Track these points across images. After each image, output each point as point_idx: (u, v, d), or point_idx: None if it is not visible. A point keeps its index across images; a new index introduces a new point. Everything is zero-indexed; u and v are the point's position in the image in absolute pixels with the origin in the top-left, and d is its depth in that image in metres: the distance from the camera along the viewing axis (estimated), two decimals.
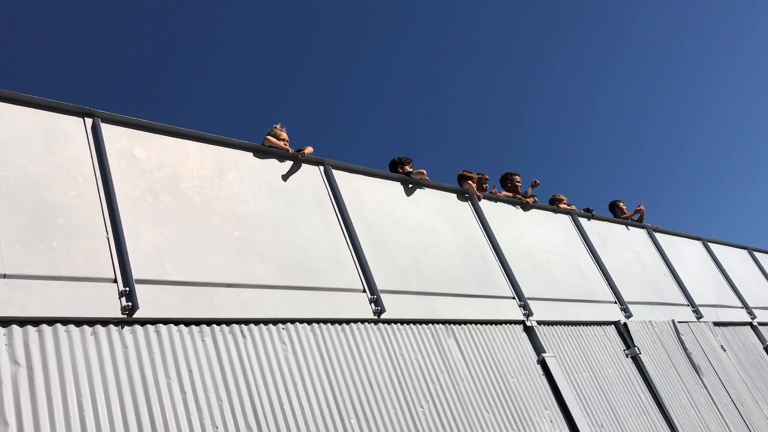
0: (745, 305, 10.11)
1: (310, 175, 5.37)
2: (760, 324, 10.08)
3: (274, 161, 5.16)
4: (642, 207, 9.74)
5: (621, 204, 9.78)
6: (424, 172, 6.32)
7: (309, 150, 5.35)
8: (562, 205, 8.25)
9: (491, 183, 7.56)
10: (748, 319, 9.94)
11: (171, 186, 4.36)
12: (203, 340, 3.89)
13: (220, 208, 4.53)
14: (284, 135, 5.39)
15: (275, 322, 4.30)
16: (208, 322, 3.97)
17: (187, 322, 3.88)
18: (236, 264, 4.34)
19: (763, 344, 9.77)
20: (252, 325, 4.18)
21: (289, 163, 5.26)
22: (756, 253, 12.13)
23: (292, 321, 4.39)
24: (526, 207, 7.42)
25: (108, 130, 4.25)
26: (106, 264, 3.74)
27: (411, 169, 6.36)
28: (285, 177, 5.15)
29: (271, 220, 4.77)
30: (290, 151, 5.26)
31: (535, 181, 7.94)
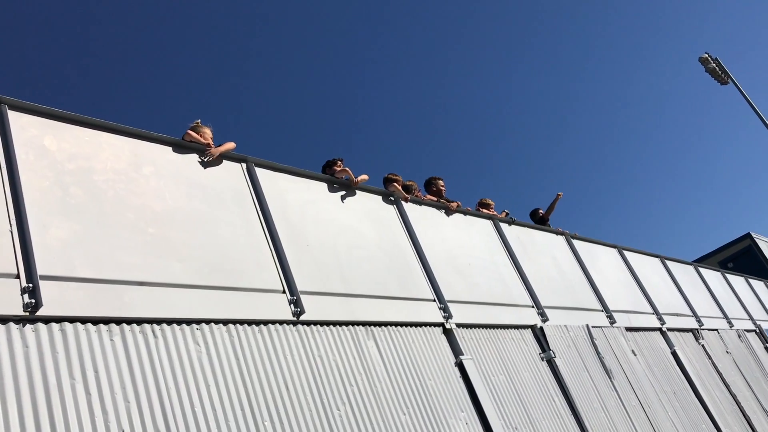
0: (655, 311, 10.54)
1: (232, 172, 5.27)
2: (669, 330, 10.54)
3: (193, 157, 5.03)
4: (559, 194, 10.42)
5: (541, 211, 10.05)
6: (349, 170, 6.29)
7: (230, 146, 5.24)
8: (487, 211, 8.39)
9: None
10: (658, 324, 10.37)
11: (83, 179, 4.19)
12: (111, 340, 3.75)
13: (134, 204, 4.38)
14: (207, 132, 5.26)
15: (189, 322, 4.19)
16: (118, 321, 3.83)
17: (95, 321, 3.73)
18: (150, 262, 4.21)
19: (670, 349, 10.21)
20: (164, 324, 4.06)
21: (209, 160, 5.13)
22: (668, 262, 12.69)
23: (207, 321, 4.29)
24: (449, 211, 7.51)
25: (16, 118, 4.05)
26: (8, 259, 3.55)
27: (339, 168, 6.32)
28: (205, 174, 5.03)
29: (189, 218, 4.65)
30: (211, 146, 5.15)
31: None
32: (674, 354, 10.18)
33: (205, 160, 5.05)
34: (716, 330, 12.45)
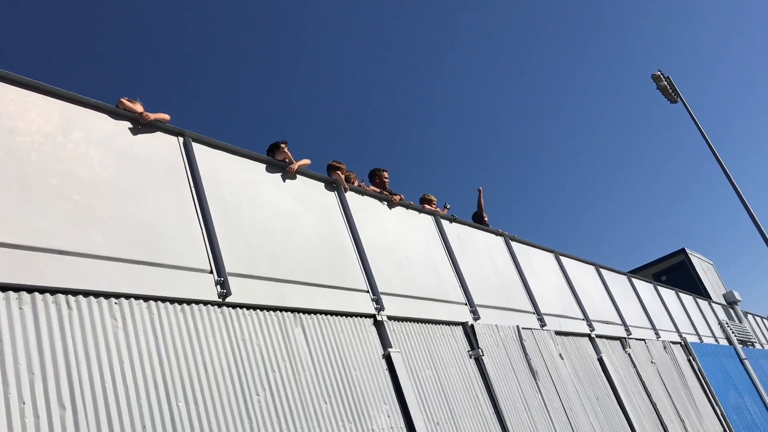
0: (586, 318, 10.77)
1: (167, 146, 5.13)
2: (597, 336, 10.78)
3: (127, 126, 4.87)
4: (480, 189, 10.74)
5: (482, 215, 10.16)
6: (289, 153, 6.19)
7: (164, 116, 5.09)
8: (429, 206, 8.39)
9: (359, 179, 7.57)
10: (587, 330, 10.59)
11: (5, 139, 4.00)
12: (21, 308, 3.60)
13: (60, 169, 4.21)
14: (139, 107, 5.07)
15: (108, 295, 4.06)
16: (29, 289, 3.67)
17: (4, 287, 3.57)
18: (71, 231, 4.05)
19: (597, 355, 10.45)
20: (81, 296, 3.92)
21: (144, 131, 4.98)
22: (602, 270, 12.97)
23: (127, 296, 4.16)
24: (392, 204, 7.49)
25: None
26: None
27: (286, 150, 6.22)
28: (138, 145, 4.87)
29: (117, 189, 4.50)
30: (146, 116, 4.98)
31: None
32: (600, 360, 10.41)
33: (141, 123, 4.90)
34: (643, 340, 12.80)
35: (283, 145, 6.20)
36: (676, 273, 23.96)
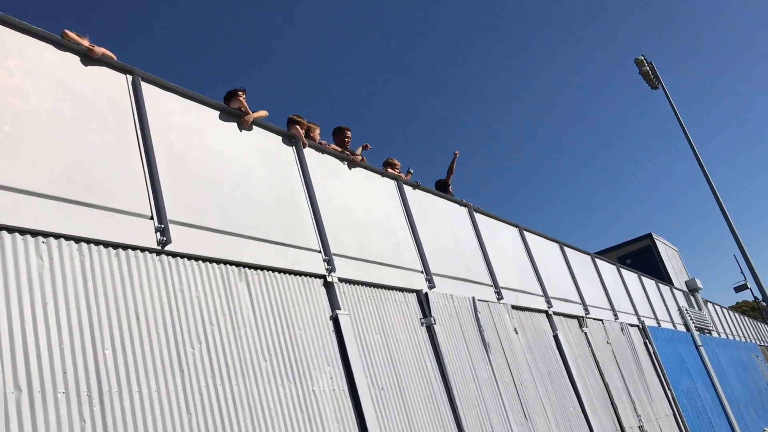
0: (545, 294, 10.76)
1: (114, 83, 4.88)
2: (555, 313, 10.79)
3: (70, 59, 4.61)
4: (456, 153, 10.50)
5: (447, 183, 10.01)
6: (244, 102, 5.95)
7: (110, 54, 4.82)
8: (393, 170, 8.23)
9: (323, 136, 7.37)
10: (545, 307, 10.60)
11: None
12: None
13: None
14: (86, 42, 4.80)
15: (35, 233, 3.85)
16: None
17: None
18: None
19: (553, 332, 10.47)
20: (4, 232, 3.71)
21: (88, 67, 4.72)
22: (566, 248, 12.97)
23: (57, 236, 3.96)
24: (352, 164, 7.31)
25: None
26: None
27: (242, 99, 5.98)
28: (82, 80, 4.62)
29: (54, 122, 4.26)
30: (94, 50, 4.72)
31: (366, 145, 7.92)
32: (556, 337, 10.44)
33: (88, 57, 4.65)
34: (601, 320, 12.88)
35: (240, 93, 5.96)
36: (641, 257, 24.20)
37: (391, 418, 5.98)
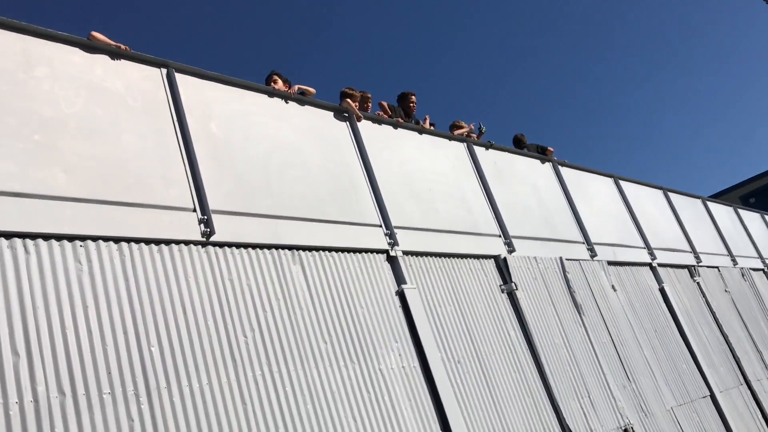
0: (647, 246, 10.06)
1: (148, 78, 4.86)
2: (660, 265, 10.08)
3: (100, 60, 4.62)
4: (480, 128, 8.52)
5: (522, 137, 9.47)
6: (277, 79, 5.81)
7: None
8: (458, 132, 7.88)
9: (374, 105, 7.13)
10: (647, 260, 9.91)
11: None
12: None
13: (18, 108, 4.02)
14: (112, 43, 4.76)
15: (72, 238, 3.90)
16: None
17: None
18: (30, 172, 3.89)
19: (658, 285, 9.79)
20: (40, 240, 3.77)
21: (119, 65, 4.73)
22: (671, 195, 12.08)
23: (95, 239, 4.00)
24: (422, 130, 7.01)
25: None
26: None
27: (279, 83, 5.86)
28: (112, 80, 4.63)
29: (84, 126, 4.29)
30: (122, 47, 4.71)
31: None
32: (662, 291, 9.75)
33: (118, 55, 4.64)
34: (717, 268, 11.94)
35: (275, 78, 5.84)
36: (766, 194, 22.32)
37: (470, 390, 5.75)
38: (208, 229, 4.55)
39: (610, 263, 8.89)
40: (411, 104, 7.39)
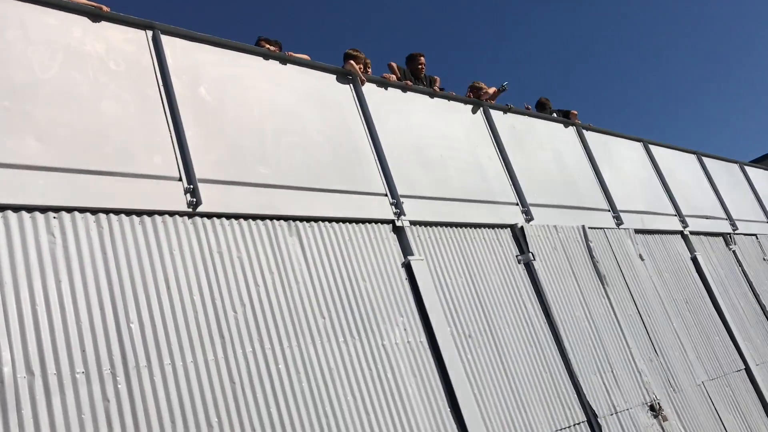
0: (678, 213, 9.58)
1: (132, 41, 4.60)
2: (692, 233, 9.60)
3: (79, 21, 4.37)
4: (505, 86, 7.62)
5: (546, 101, 9.00)
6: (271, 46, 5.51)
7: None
8: (480, 95, 7.47)
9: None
10: (679, 227, 9.44)
11: None
12: None
13: None
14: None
15: (44, 209, 3.69)
16: None
17: None
18: None
19: (690, 254, 9.33)
20: (9, 212, 3.57)
21: (101, 27, 4.47)
22: (705, 159, 11.50)
23: (69, 210, 3.78)
24: (434, 94, 6.65)
25: None
26: None
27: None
28: (92, 42, 4.38)
29: (61, 92, 4.06)
30: (104, 8, 4.46)
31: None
32: (694, 259, 9.29)
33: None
34: (754, 235, 11.38)
35: (262, 44, 5.54)
36: None
37: (481, 366, 5.47)
38: (195, 199, 4.31)
39: (637, 231, 8.46)
40: (420, 66, 7.02)
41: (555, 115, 8.87)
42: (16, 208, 3.60)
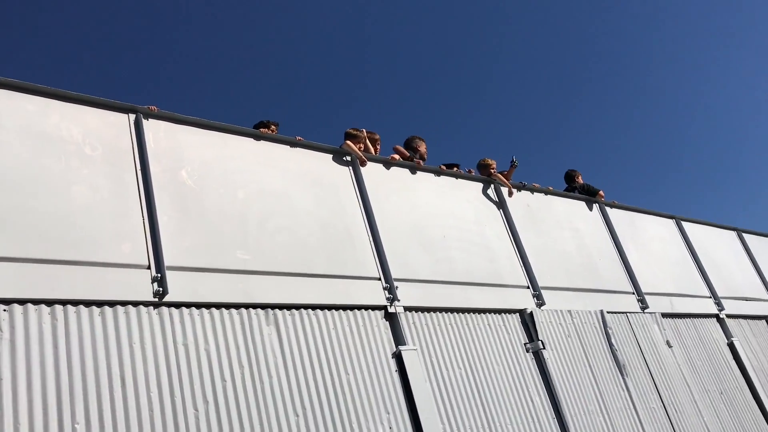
0: (713, 294, 9.01)
1: (112, 125, 4.56)
2: (729, 316, 9.00)
3: (53, 106, 4.34)
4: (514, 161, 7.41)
5: (574, 173, 8.65)
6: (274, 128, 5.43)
7: None
8: (488, 173, 7.23)
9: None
10: (714, 310, 8.87)
11: None
12: None
13: None
14: None
15: None
16: None
17: None
18: None
19: (727, 339, 8.72)
20: None
21: (78, 110, 4.43)
22: (745, 235, 10.90)
23: (22, 302, 3.64)
24: (437, 173, 6.45)
25: None
26: None
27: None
28: (69, 127, 4.33)
29: (28, 179, 3.98)
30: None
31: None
32: (731, 346, 8.67)
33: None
34: None
35: (273, 128, 5.47)
36: None
37: None
38: (161, 288, 4.14)
39: (665, 315, 7.95)
40: (421, 151, 6.84)
41: (584, 186, 8.48)
42: None
